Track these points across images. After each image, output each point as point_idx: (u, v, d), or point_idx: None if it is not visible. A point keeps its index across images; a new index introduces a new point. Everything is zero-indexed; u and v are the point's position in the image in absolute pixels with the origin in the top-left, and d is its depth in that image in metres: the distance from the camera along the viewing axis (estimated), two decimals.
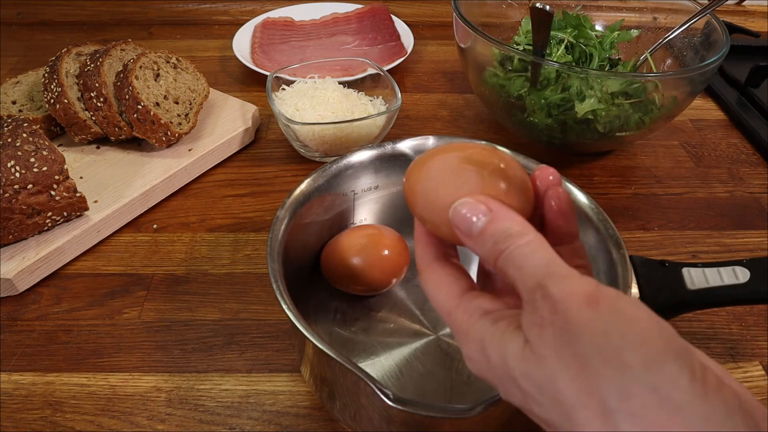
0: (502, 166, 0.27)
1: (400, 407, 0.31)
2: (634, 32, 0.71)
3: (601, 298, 0.22)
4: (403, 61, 0.83)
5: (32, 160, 0.51)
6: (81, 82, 0.62)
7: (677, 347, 0.21)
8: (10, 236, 0.51)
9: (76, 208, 0.54)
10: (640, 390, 0.20)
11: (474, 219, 0.25)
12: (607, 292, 0.22)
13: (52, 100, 0.61)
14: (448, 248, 0.29)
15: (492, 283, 0.30)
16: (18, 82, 0.68)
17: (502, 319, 0.25)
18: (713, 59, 0.57)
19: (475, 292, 0.26)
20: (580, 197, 0.44)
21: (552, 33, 0.67)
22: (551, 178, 0.29)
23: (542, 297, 0.22)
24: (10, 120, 0.54)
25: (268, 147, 0.70)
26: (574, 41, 0.68)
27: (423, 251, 0.29)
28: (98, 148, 0.64)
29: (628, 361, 0.20)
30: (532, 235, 0.24)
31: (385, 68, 0.76)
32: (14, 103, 0.65)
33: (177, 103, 0.64)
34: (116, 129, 0.61)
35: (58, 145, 0.64)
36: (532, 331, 0.23)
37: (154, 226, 0.59)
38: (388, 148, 0.49)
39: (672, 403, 0.20)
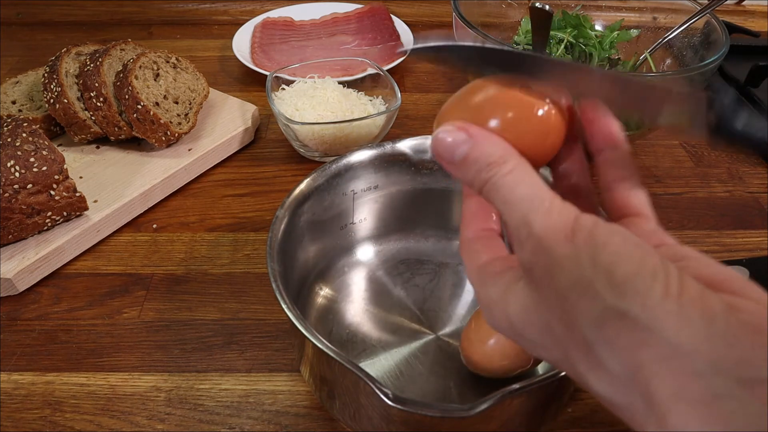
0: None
1: (399, 407, 0.31)
2: (634, 32, 0.71)
3: (578, 230, 0.21)
4: (403, 61, 0.83)
5: (32, 159, 0.51)
6: (81, 81, 0.62)
7: (651, 265, 0.20)
8: (10, 236, 0.51)
9: (76, 207, 0.54)
10: (611, 317, 0.20)
11: (455, 146, 0.25)
12: (585, 222, 0.22)
13: (51, 100, 0.61)
14: (491, 221, 0.28)
15: None
16: (18, 82, 0.68)
17: (505, 273, 0.24)
18: (713, 59, 0.57)
19: (491, 261, 0.26)
20: None
21: (552, 33, 0.67)
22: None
23: (527, 236, 0.22)
24: (9, 120, 0.54)
25: (268, 147, 0.70)
26: (574, 41, 0.68)
27: (466, 227, 0.28)
28: (98, 147, 0.64)
29: (598, 289, 0.20)
30: (514, 160, 0.24)
31: (385, 68, 0.76)
32: (14, 102, 0.65)
33: (177, 102, 0.65)
34: (116, 129, 0.62)
35: (58, 145, 0.64)
36: (526, 273, 0.23)
37: (154, 225, 0.59)
38: (388, 148, 0.49)
39: (641, 325, 0.19)
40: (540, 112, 0.26)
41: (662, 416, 0.19)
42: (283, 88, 0.69)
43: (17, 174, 0.50)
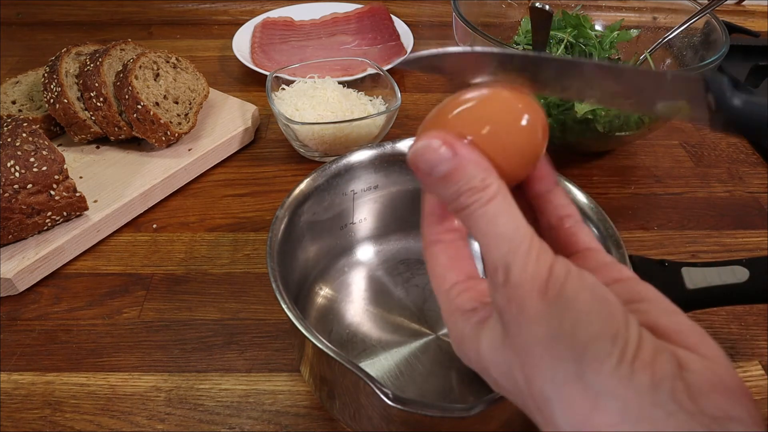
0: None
1: (399, 407, 0.31)
2: (634, 32, 0.71)
3: (551, 284, 0.21)
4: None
5: (32, 159, 0.51)
6: (81, 81, 0.62)
7: (614, 328, 0.20)
8: (10, 236, 0.51)
9: (76, 207, 0.54)
10: (570, 379, 0.21)
11: (436, 161, 0.24)
12: (558, 273, 0.22)
13: (51, 100, 0.61)
14: (452, 222, 0.28)
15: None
16: (18, 82, 0.68)
17: (476, 314, 0.25)
18: (712, 59, 0.57)
19: (459, 288, 0.26)
20: (580, 197, 0.44)
21: (551, 33, 0.67)
22: None
23: (504, 282, 0.22)
24: (9, 120, 0.54)
25: (268, 147, 0.70)
26: (574, 41, 0.68)
27: (428, 227, 0.28)
28: (98, 147, 0.64)
29: (562, 351, 0.21)
30: (495, 186, 0.23)
31: (385, 68, 0.76)
32: (14, 103, 0.65)
33: (177, 102, 0.65)
34: (116, 129, 0.62)
35: (58, 145, 0.64)
36: (497, 315, 0.23)
37: (154, 225, 0.59)
38: (388, 147, 0.49)
39: (594, 391, 0.20)
40: (524, 122, 0.25)
41: None
42: (283, 88, 0.69)
43: (17, 174, 0.50)
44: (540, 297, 0.21)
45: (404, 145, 0.49)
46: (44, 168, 0.51)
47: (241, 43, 0.86)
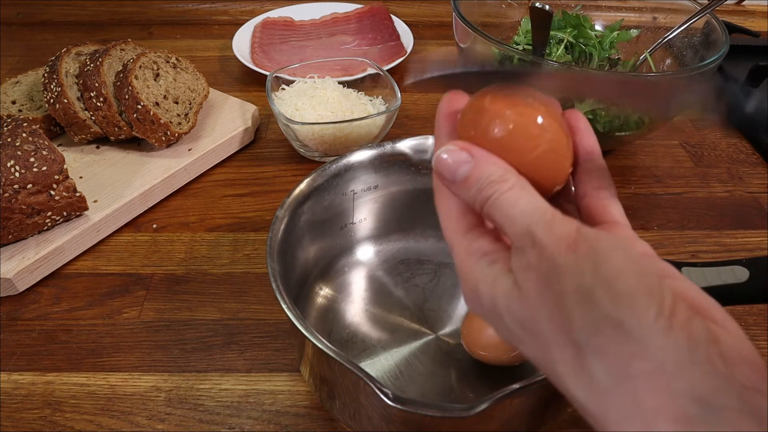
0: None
1: (399, 407, 0.31)
2: (634, 32, 0.71)
3: (580, 241, 0.22)
4: (403, 60, 0.83)
5: (32, 159, 0.51)
6: (81, 81, 0.62)
7: (649, 284, 0.21)
8: (10, 236, 0.51)
9: (76, 207, 0.54)
10: (606, 325, 0.21)
11: (456, 166, 0.26)
12: (588, 234, 0.22)
13: (51, 100, 0.61)
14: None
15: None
16: (18, 82, 0.68)
17: (497, 261, 0.25)
18: (713, 59, 0.57)
19: (478, 231, 0.27)
20: None
21: (551, 33, 0.67)
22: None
23: (531, 245, 0.23)
24: (9, 120, 0.54)
25: (268, 147, 0.70)
26: (574, 41, 0.68)
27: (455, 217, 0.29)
28: (98, 147, 0.64)
29: (598, 298, 0.21)
30: (514, 178, 0.25)
31: (385, 68, 0.76)
32: (14, 103, 0.65)
33: (177, 102, 0.65)
34: (116, 129, 0.62)
35: (58, 145, 0.64)
36: (519, 274, 0.24)
37: (154, 225, 0.59)
38: (388, 147, 0.49)
39: (634, 338, 0.20)
40: (546, 135, 0.26)
41: (647, 425, 0.20)
42: (283, 88, 0.69)
43: (17, 174, 0.50)
44: (569, 251, 0.22)
45: (404, 145, 0.49)
46: (44, 168, 0.51)
47: (241, 43, 0.86)
